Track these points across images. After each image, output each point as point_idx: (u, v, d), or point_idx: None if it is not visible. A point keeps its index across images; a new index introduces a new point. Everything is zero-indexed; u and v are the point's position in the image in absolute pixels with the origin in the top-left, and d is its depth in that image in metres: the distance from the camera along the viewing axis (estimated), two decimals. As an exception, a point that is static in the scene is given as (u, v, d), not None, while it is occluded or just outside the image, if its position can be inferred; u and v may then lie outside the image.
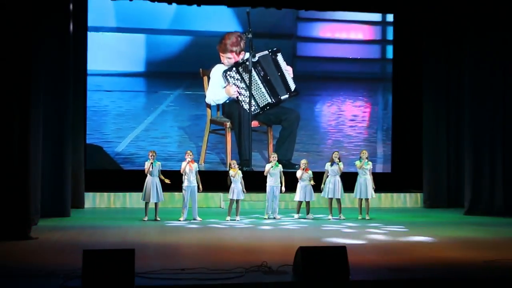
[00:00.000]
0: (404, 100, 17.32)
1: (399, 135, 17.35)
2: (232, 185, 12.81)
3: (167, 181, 12.57)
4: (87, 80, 15.78)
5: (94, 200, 15.05)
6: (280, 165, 13.15)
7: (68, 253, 8.43)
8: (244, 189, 12.91)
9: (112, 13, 16.38)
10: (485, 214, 14.14)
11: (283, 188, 13.13)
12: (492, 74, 14.52)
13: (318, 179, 13.34)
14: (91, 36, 15.95)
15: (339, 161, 13.20)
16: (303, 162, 13.32)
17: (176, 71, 16.83)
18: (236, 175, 12.80)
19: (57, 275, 6.95)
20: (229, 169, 12.98)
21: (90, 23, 15.74)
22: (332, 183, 13.15)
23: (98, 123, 16.24)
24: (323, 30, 17.68)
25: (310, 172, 13.16)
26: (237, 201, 12.84)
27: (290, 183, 13.33)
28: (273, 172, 13.04)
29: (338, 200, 13.26)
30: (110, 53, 16.40)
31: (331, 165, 13.21)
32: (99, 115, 16.30)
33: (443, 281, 7.25)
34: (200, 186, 12.70)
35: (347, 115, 17.56)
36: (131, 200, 14.94)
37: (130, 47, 16.67)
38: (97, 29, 16.18)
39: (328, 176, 13.22)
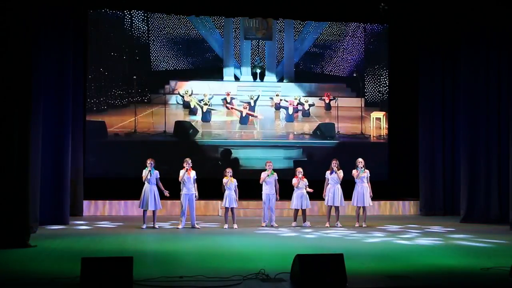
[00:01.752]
0: (401, 110, 17.34)
1: (396, 143, 17.35)
2: (226, 192, 12.80)
3: (166, 193, 12.63)
4: (86, 90, 15.76)
5: (93, 208, 15.03)
6: (275, 173, 13.16)
7: (66, 261, 8.42)
8: (237, 199, 12.87)
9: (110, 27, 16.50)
10: (481, 222, 14.16)
11: (278, 197, 13.14)
12: (486, 85, 14.58)
13: (319, 187, 13.41)
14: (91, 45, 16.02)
15: (338, 169, 13.23)
16: (299, 170, 13.35)
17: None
18: (229, 183, 12.81)
19: (56, 283, 6.95)
20: (224, 177, 13.00)
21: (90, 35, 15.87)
22: (332, 192, 13.17)
23: (97, 132, 16.24)
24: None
25: (305, 180, 13.19)
26: (232, 209, 12.81)
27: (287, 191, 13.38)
28: (269, 181, 13.05)
29: (337, 208, 13.27)
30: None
31: (331, 173, 13.24)
32: (98, 124, 16.33)
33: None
34: (197, 194, 12.70)
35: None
36: (131, 208, 14.91)
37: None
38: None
39: (328, 184, 13.24)
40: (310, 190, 13.23)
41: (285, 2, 15.21)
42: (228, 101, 17.16)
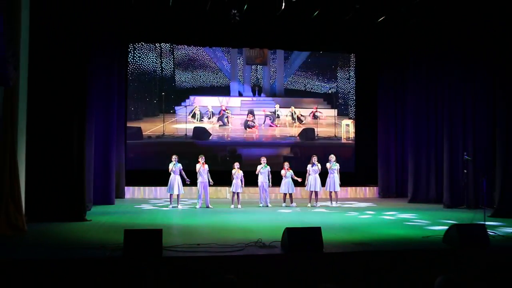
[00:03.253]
0: (364, 118, 17.37)
1: (360, 143, 17.40)
2: (234, 181, 12.83)
3: (187, 181, 12.63)
4: (127, 103, 15.75)
5: (132, 192, 15.05)
6: (268, 166, 13.18)
7: (113, 232, 8.46)
8: (243, 185, 12.91)
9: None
10: (423, 202, 14.22)
11: (270, 184, 13.16)
12: (426, 99, 14.65)
13: (303, 176, 13.40)
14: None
15: (317, 163, 13.30)
16: (286, 163, 13.42)
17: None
18: (236, 173, 12.84)
19: (105, 248, 7.01)
20: (233, 169, 13.05)
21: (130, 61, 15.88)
22: (313, 180, 13.19)
23: (135, 134, 16.28)
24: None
25: (291, 171, 13.24)
26: (238, 193, 12.84)
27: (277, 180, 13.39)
28: (263, 172, 13.07)
29: (317, 193, 13.28)
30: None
31: (312, 166, 13.28)
32: (136, 129, 16.37)
33: (392, 252, 7.33)
34: (211, 181, 12.74)
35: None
36: (160, 192, 14.95)
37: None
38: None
39: (309, 174, 13.26)
40: (299, 179, 13.25)
41: (276, 37, 15.32)
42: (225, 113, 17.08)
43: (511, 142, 11.74)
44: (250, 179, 13.38)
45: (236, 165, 13.10)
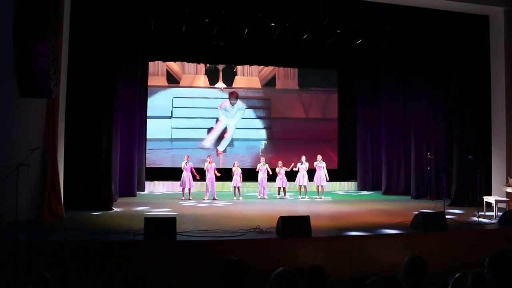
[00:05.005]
0: (345, 122, 17.33)
1: (342, 144, 17.34)
2: (234, 176, 12.85)
3: (197, 177, 12.63)
4: (147, 108, 15.59)
5: (151, 186, 14.99)
6: (266, 164, 13.21)
7: (135, 219, 8.47)
8: (241, 180, 12.89)
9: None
10: (395, 194, 14.20)
11: (270, 172, 13.10)
12: (398, 106, 14.58)
13: (293, 173, 13.44)
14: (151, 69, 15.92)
15: (306, 162, 13.33)
16: (280, 162, 13.47)
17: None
18: (236, 170, 12.87)
19: (129, 232, 7.07)
20: (233, 167, 13.08)
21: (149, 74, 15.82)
22: (302, 176, 13.22)
23: (155, 137, 16.20)
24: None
25: (284, 168, 13.26)
26: (238, 187, 12.83)
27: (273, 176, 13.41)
28: (262, 169, 13.09)
29: (305, 187, 13.30)
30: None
31: (301, 164, 13.31)
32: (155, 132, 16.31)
33: (369, 236, 7.38)
34: (218, 174, 12.69)
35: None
36: (174, 186, 14.92)
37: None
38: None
39: (299, 171, 13.29)
40: (291, 167, 13.23)
41: (271, 56, 15.30)
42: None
43: (465, 144, 11.83)
44: (251, 175, 13.45)
45: (236, 163, 13.12)
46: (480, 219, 8.94)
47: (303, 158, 13.42)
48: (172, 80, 16.24)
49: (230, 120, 16.42)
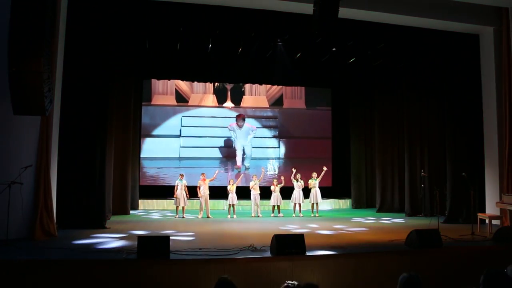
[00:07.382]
0: (339, 141, 17.42)
1: (336, 162, 17.40)
2: (230, 194, 12.81)
3: (187, 196, 12.58)
4: (141, 128, 15.69)
5: (145, 204, 14.92)
6: (258, 181, 13.16)
7: (128, 238, 8.45)
8: (236, 199, 12.85)
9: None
10: (389, 212, 14.23)
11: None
12: (391, 124, 14.77)
13: (288, 191, 13.40)
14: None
15: (300, 179, 13.31)
16: (274, 180, 13.42)
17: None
18: (231, 188, 12.84)
19: (122, 251, 7.01)
20: (228, 185, 13.04)
21: (143, 91, 15.88)
22: (298, 193, 13.20)
23: (148, 156, 16.20)
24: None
25: (279, 186, 13.24)
26: (233, 205, 12.80)
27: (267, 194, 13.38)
28: (255, 186, 13.07)
29: (300, 204, 13.26)
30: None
31: (296, 182, 13.29)
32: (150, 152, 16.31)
33: (363, 254, 7.33)
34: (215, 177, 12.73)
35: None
36: (168, 204, 14.84)
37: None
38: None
39: (294, 189, 13.26)
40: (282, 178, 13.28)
41: (267, 74, 15.42)
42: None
43: (459, 161, 11.91)
44: (245, 193, 13.42)
45: (231, 181, 13.10)
46: (475, 236, 8.94)
47: (298, 176, 13.39)
48: (181, 99, 16.36)
49: (239, 140, 16.59)
